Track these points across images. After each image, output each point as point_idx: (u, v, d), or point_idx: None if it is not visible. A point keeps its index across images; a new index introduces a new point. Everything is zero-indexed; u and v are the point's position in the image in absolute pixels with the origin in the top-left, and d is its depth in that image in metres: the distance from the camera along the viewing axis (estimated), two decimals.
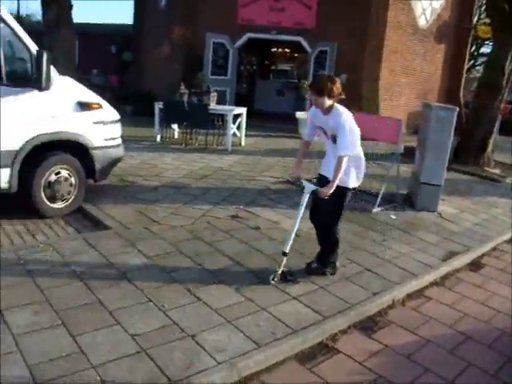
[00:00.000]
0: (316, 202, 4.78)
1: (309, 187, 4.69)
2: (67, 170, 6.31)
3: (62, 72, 6.31)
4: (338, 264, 5.10)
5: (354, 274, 5.12)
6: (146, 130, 12.42)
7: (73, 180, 6.37)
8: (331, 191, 4.45)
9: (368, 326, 4.35)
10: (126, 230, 5.87)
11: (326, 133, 4.71)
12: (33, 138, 5.93)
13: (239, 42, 16.57)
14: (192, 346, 3.67)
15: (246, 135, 12.31)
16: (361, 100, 14.95)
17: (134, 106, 15.66)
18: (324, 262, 5.05)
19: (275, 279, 4.72)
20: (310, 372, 3.68)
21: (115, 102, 6.98)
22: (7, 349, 3.51)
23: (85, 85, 6.69)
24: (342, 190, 4.66)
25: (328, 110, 4.59)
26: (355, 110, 10.26)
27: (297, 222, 4.77)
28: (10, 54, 5.91)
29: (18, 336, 3.67)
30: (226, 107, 12.54)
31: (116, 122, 6.84)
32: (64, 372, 3.31)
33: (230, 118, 11.37)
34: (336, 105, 4.60)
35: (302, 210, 4.73)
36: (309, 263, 5.09)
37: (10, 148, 5.83)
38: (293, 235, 4.77)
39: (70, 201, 6.41)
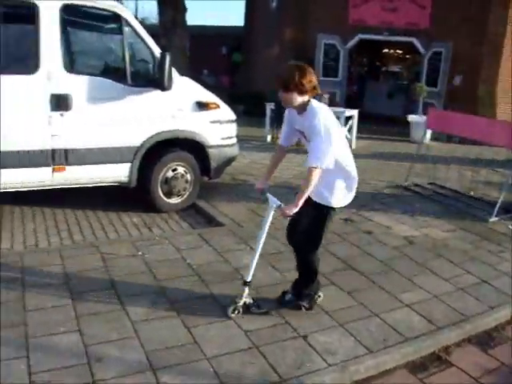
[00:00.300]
0: (293, 218, 4.01)
1: (273, 202, 3.88)
2: (184, 167, 6.54)
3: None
4: (319, 296, 4.31)
5: (470, 285, 4.91)
6: (256, 129, 12.62)
7: (188, 177, 6.60)
8: (295, 211, 3.67)
9: (484, 340, 4.15)
10: (238, 227, 6.02)
11: (305, 136, 3.84)
12: (152, 136, 6.21)
13: (350, 43, 16.38)
14: (303, 346, 3.70)
15: (356, 138, 12.17)
16: (477, 103, 14.33)
17: (244, 105, 15.94)
18: (299, 293, 4.23)
19: (235, 312, 4.02)
20: (421, 383, 3.58)
21: (227, 102, 7.15)
22: (126, 334, 3.73)
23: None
24: (322, 210, 3.91)
25: (302, 109, 3.74)
26: (470, 113, 9.87)
27: (260, 244, 4.00)
28: (134, 56, 6.24)
29: (136, 323, 3.88)
30: (338, 109, 12.41)
31: (232, 121, 7.01)
32: (179, 361, 3.45)
33: (341, 121, 11.26)
34: (312, 101, 3.73)
35: (266, 228, 3.98)
36: (284, 293, 4.32)
37: (131, 144, 6.16)
38: (255, 260, 4.03)
39: (185, 197, 6.66)
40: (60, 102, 5.71)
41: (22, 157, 5.69)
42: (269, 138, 12.15)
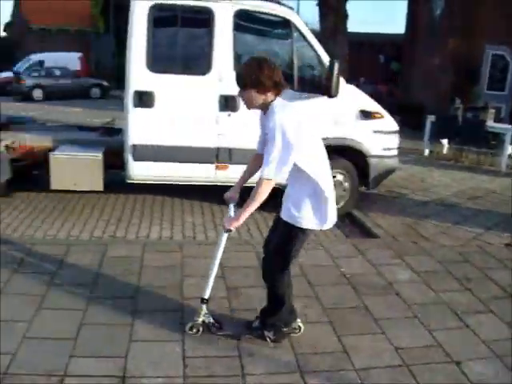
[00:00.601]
0: (269, 233, 3.75)
1: (230, 214, 3.65)
2: (342, 174, 6.56)
3: None
4: (297, 328, 3.85)
5: None
6: (412, 142, 12.26)
7: (346, 185, 6.60)
8: (235, 225, 3.38)
9: None
10: (394, 241, 5.92)
11: None
12: None
13: None
14: (455, 372, 3.54)
15: None
16: None
17: (401, 116, 15.57)
18: (264, 321, 3.79)
19: (193, 330, 3.73)
20: None
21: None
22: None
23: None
24: (291, 230, 3.43)
25: (266, 109, 3.29)
26: None
27: (217, 258, 3.69)
28: (301, 61, 6.36)
29: None
30: (505, 126, 11.70)
31: (395, 132, 6.91)
32: (327, 367, 3.48)
33: (507, 138, 10.62)
34: (275, 100, 3.28)
35: (223, 242, 3.63)
36: (256, 317, 3.90)
37: None
38: (212, 277, 3.74)
39: (341, 205, 6.60)
40: (228, 103, 6.00)
41: (191, 152, 6.05)
42: (427, 152, 11.76)
